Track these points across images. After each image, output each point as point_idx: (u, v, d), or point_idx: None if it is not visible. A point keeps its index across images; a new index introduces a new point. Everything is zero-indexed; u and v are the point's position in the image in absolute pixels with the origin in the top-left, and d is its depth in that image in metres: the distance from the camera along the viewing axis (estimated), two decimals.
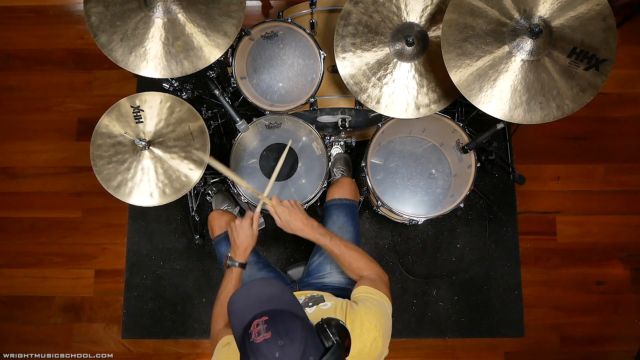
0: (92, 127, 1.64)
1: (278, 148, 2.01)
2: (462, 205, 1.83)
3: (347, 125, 2.06)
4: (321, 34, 1.92)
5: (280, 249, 2.46)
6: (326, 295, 1.45)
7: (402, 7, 1.64)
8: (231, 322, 1.01)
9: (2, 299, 2.49)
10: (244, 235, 1.48)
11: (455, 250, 2.46)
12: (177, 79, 1.89)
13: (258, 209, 1.54)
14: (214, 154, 1.61)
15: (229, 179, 1.89)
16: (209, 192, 2.34)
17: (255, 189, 1.55)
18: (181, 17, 1.52)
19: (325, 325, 1.00)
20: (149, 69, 1.53)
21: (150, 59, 1.52)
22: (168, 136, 1.65)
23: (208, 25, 1.52)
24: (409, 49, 1.63)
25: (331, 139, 2.21)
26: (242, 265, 1.50)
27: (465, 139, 1.88)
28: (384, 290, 1.31)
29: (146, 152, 1.63)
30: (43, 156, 2.59)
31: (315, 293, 1.47)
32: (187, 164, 1.64)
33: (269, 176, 1.98)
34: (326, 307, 1.30)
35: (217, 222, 1.83)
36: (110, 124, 1.66)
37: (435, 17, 1.66)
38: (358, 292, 1.32)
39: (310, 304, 1.35)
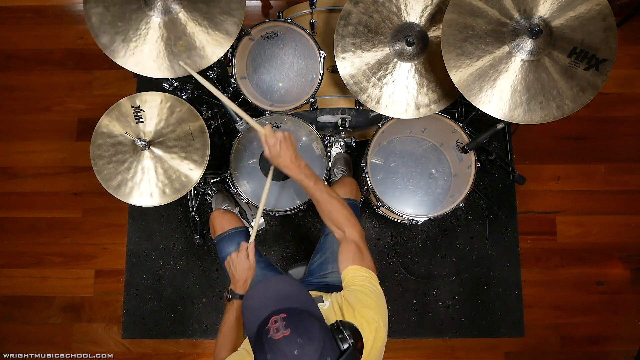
0: (92, 127, 1.64)
1: None
2: (462, 205, 1.83)
3: (347, 125, 2.06)
4: (321, 34, 1.92)
5: (281, 249, 2.46)
6: (324, 295, 1.45)
7: (402, 7, 1.64)
8: (245, 319, 1.00)
9: (2, 299, 2.48)
10: (241, 268, 1.48)
11: (455, 250, 2.46)
12: (177, 79, 1.90)
13: (252, 239, 1.51)
14: (213, 154, 1.60)
15: (229, 178, 1.89)
16: (209, 192, 2.35)
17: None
18: (182, 16, 1.52)
19: (341, 327, 1.00)
20: (152, 69, 1.53)
21: (153, 59, 1.52)
22: (168, 136, 1.65)
23: (209, 24, 1.52)
24: (409, 49, 1.63)
25: (331, 139, 2.20)
26: (242, 297, 1.47)
27: (465, 139, 1.88)
28: (368, 259, 1.32)
29: (146, 152, 1.63)
30: (43, 156, 2.59)
31: (317, 294, 1.47)
32: (187, 164, 1.64)
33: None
34: (325, 307, 1.30)
35: (219, 221, 1.83)
36: (110, 123, 1.66)
37: (435, 17, 1.66)
38: (350, 276, 1.30)
39: None
